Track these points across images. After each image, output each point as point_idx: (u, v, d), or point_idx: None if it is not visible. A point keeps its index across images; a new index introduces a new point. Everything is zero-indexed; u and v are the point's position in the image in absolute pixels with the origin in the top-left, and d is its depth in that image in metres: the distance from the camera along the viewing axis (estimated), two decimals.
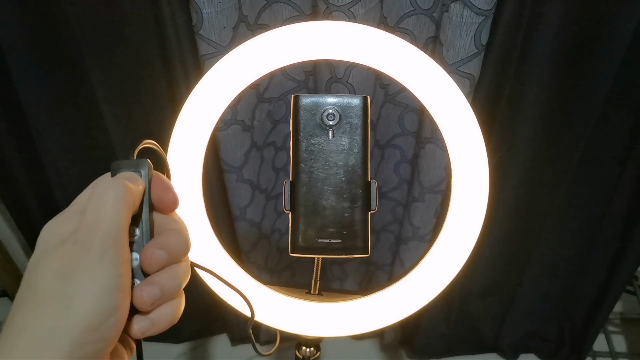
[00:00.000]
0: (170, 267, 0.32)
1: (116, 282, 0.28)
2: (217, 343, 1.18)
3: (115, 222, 0.29)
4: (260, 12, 0.72)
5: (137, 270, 0.32)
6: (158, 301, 0.31)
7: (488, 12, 0.63)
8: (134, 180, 0.32)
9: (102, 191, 0.30)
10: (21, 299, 0.28)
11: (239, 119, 0.77)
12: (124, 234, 0.30)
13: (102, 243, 0.28)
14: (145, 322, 0.31)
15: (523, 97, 0.77)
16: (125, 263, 0.29)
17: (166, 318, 0.32)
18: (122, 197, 0.30)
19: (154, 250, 0.31)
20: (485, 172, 0.47)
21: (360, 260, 1.04)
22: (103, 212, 0.29)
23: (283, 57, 0.47)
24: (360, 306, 0.50)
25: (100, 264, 0.28)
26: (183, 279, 0.33)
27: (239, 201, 0.88)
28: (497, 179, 0.50)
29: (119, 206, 0.30)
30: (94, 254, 0.28)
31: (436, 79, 0.46)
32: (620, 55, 0.70)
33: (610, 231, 0.92)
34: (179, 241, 0.33)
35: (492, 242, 0.92)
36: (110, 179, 0.31)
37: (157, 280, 0.31)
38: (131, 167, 0.33)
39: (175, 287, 0.32)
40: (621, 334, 1.19)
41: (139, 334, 0.31)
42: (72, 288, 0.27)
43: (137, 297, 0.31)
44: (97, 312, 0.27)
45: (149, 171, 0.33)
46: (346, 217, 0.42)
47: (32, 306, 0.28)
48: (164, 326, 0.32)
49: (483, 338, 1.14)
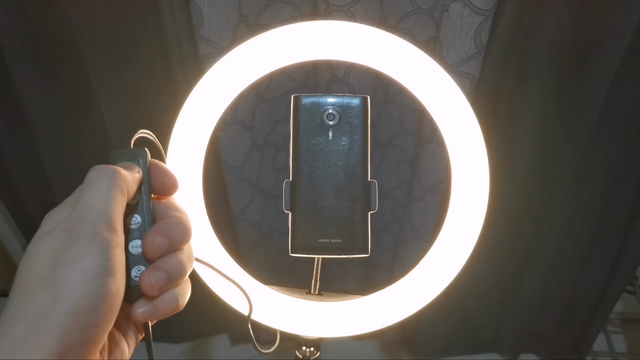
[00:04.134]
0: (174, 253, 0.33)
1: (105, 266, 0.28)
2: (217, 343, 1.18)
3: (106, 207, 0.29)
4: (260, 12, 0.72)
5: (140, 257, 0.32)
6: (165, 286, 0.31)
7: (488, 12, 0.63)
8: (131, 168, 0.33)
9: (94, 177, 0.30)
10: (15, 286, 0.28)
11: (239, 119, 0.77)
12: (116, 220, 0.30)
13: (91, 228, 0.29)
14: (148, 306, 0.32)
15: (523, 97, 0.77)
16: (116, 247, 0.29)
17: (169, 304, 0.32)
18: (113, 182, 0.30)
19: (155, 237, 0.32)
20: (485, 172, 0.47)
21: (360, 260, 1.04)
22: (94, 198, 0.30)
23: (283, 57, 0.47)
24: (360, 306, 0.50)
25: (89, 248, 0.28)
26: (187, 266, 0.33)
27: (239, 201, 0.88)
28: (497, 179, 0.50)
29: (110, 192, 0.30)
30: (83, 239, 0.28)
31: (436, 79, 0.46)
32: (620, 56, 0.70)
33: (610, 231, 0.92)
34: (180, 228, 0.33)
35: (492, 242, 0.92)
36: (104, 166, 0.31)
37: (162, 266, 0.32)
38: (129, 157, 0.33)
39: (180, 274, 0.33)
40: (621, 334, 1.18)
41: (142, 318, 0.32)
42: (60, 273, 0.28)
43: (145, 281, 0.31)
44: (85, 297, 0.27)
45: (146, 159, 0.34)
46: (346, 217, 0.42)
47: (23, 293, 0.28)
48: (167, 312, 0.32)
49: (483, 338, 1.14)
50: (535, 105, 0.77)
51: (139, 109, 0.80)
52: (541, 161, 0.84)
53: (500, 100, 0.77)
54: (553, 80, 0.74)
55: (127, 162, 0.33)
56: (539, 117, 0.79)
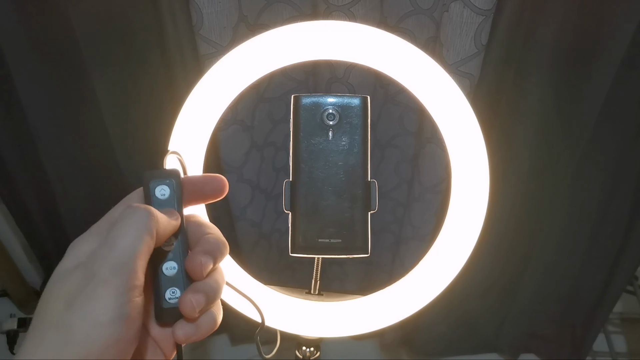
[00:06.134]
0: (211, 273, 0.33)
1: (119, 312, 0.28)
2: (217, 343, 1.18)
3: (130, 249, 0.29)
4: (260, 12, 0.72)
5: (174, 279, 0.32)
6: (204, 307, 0.31)
7: (488, 12, 0.63)
8: (171, 214, 0.32)
9: (127, 215, 0.30)
10: (33, 323, 0.28)
11: (239, 119, 0.77)
12: (137, 262, 0.29)
13: (108, 269, 0.28)
14: (190, 327, 0.32)
15: (523, 97, 0.77)
16: (132, 290, 0.29)
17: (209, 323, 0.32)
18: (144, 224, 0.29)
19: (202, 257, 0.32)
20: (485, 172, 0.47)
21: (360, 260, 1.04)
22: (119, 238, 0.29)
23: (283, 57, 0.47)
24: (360, 306, 0.50)
25: (103, 291, 0.28)
26: (222, 284, 0.33)
27: (239, 201, 0.88)
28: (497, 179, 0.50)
29: (139, 234, 0.29)
30: (98, 280, 0.28)
31: (436, 79, 0.46)
32: (620, 56, 0.70)
33: (610, 231, 0.92)
34: (218, 246, 0.33)
35: (492, 242, 0.92)
36: (138, 206, 0.30)
37: (201, 288, 0.32)
38: (163, 176, 0.33)
39: (217, 293, 0.33)
40: (621, 334, 1.18)
41: (184, 340, 0.32)
42: (73, 316, 0.27)
43: (187, 304, 0.31)
44: (95, 342, 0.27)
45: (179, 179, 0.34)
46: (346, 217, 0.42)
47: (38, 334, 0.28)
48: (206, 332, 0.32)
49: (483, 338, 1.14)
50: (535, 105, 0.77)
51: (138, 109, 0.80)
52: (541, 161, 0.84)
53: (500, 100, 0.77)
54: (553, 80, 0.74)
55: (169, 209, 0.32)
56: (539, 117, 0.79)
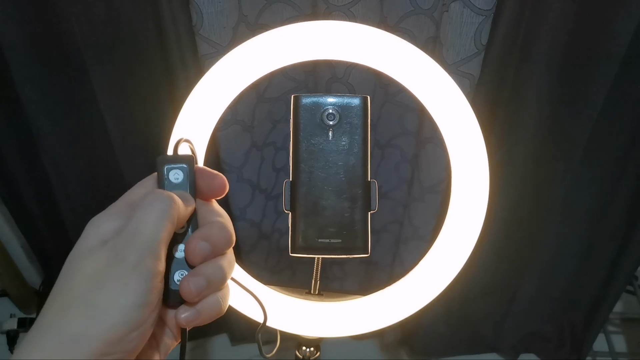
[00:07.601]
0: (215, 259, 0.33)
1: (145, 298, 0.28)
2: (217, 343, 1.18)
3: (155, 236, 0.29)
4: (260, 12, 0.72)
5: (183, 262, 0.32)
6: (204, 292, 0.31)
7: (488, 12, 0.63)
8: (187, 200, 0.33)
9: (151, 201, 0.30)
10: (52, 296, 0.29)
11: (239, 119, 0.77)
12: (162, 249, 0.30)
13: (137, 255, 0.29)
14: (191, 312, 0.32)
15: (523, 97, 0.77)
16: (157, 277, 0.29)
17: (212, 309, 0.32)
18: (167, 211, 0.30)
19: (197, 242, 0.32)
20: (485, 172, 0.47)
21: (360, 260, 1.04)
22: (145, 224, 0.30)
23: (283, 57, 0.47)
24: (360, 306, 0.50)
25: (132, 275, 0.28)
26: (228, 271, 0.33)
27: (239, 201, 0.88)
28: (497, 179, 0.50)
29: (163, 220, 0.30)
30: (127, 266, 0.28)
31: (436, 79, 0.46)
32: (620, 55, 0.70)
33: (610, 231, 0.92)
34: (222, 234, 0.33)
35: (492, 242, 0.92)
36: (161, 192, 0.31)
37: (202, 272, 0.32)
38: (176, 162, 0.33)
39: (221, 279, 0.33)
40: (621, 334, 1.19)
41: (185, 323, 0.32)
42: (100, 297, 0.28)
43: (185, 287, 0.31)
44: (121, 325, 0.28)
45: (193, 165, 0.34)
46: (346, 217, 0.42)
47: (60, 308, 0.28)
48: (209, 317, 0.32)
49: (483, 338, 1.14)
50: (535, 105, 0.77)
51: (139, 109, 0.80)
52: (541, 161, 0.84)
53: (500, 100, 0.77)
54: (553, 80, 0.74)
55: (184, 192, 0.33)
56: (539, 117, 0.79)
